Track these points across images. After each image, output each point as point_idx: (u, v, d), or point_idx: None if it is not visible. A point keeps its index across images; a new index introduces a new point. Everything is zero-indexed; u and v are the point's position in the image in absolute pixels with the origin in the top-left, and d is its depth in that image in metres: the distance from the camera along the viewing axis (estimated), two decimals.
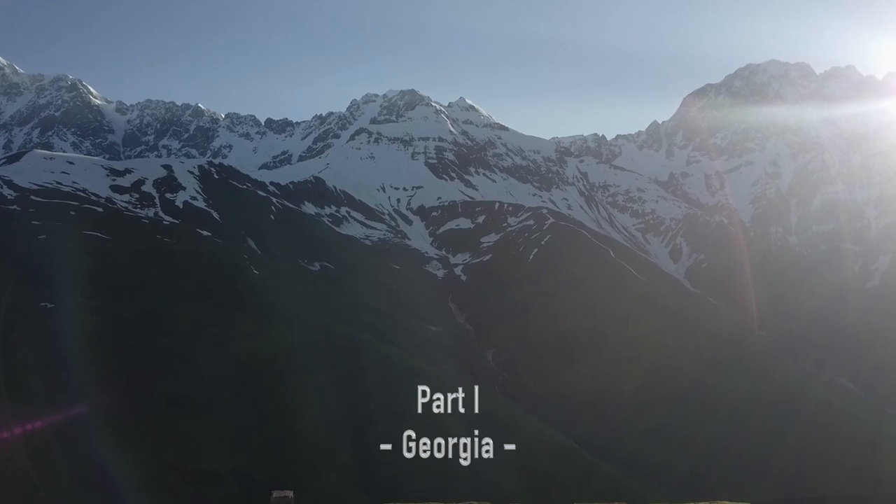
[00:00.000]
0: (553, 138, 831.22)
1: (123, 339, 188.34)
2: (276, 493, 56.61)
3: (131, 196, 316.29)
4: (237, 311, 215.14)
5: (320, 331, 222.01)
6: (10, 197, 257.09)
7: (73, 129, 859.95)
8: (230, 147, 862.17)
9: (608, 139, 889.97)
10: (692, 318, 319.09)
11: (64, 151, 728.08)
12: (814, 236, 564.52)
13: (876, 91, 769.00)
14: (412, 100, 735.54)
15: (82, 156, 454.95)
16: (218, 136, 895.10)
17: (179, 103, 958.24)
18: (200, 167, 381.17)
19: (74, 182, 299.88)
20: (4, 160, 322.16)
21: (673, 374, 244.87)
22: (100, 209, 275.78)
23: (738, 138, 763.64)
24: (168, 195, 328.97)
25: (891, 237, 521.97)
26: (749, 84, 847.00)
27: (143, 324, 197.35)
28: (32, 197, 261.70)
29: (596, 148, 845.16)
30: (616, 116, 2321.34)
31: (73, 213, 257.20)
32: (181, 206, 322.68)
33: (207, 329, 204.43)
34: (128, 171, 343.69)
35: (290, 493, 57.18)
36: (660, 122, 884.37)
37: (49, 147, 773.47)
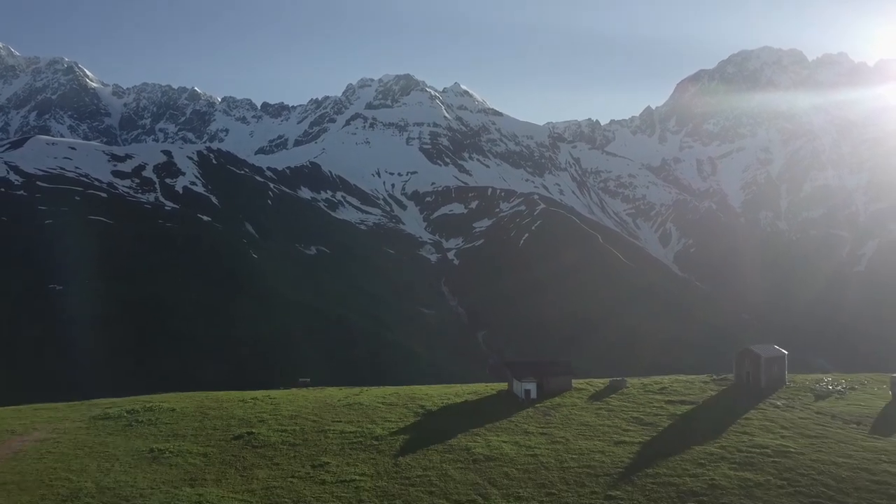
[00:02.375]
0: (548, 123, 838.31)
1: (129, 322, 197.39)
2: (301, 379, 72.71)
3: (132, 181, 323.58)
4: (238, 295, 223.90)
5: (319, 315, 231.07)
6: (16, 182, 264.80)
7: (69, 113, 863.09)
8: (227, 131, 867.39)
9: (602, 124, 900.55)
10: (680, 303, 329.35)
11: (61, 135, 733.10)
12: (803, 222, 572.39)
13: (868, 78, 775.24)
14: (407, 85, 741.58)
15: (84, 141, 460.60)
16: (214, 119, 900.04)
17: (176, 86, 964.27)
18: (199, 153, 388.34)
19: (77, 167, 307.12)
20: (8, 145, 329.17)
21: (663, 360, 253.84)
22: (104, 195, 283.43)
23: (731, 124, 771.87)
24: (168, 180, 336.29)
25: (879, 222, 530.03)
26: (742, 70, 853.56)
27: (148, 306, 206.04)
28: (38, 182, 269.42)
29: (590, 133, 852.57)
30: (610, 102, 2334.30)
31: (77, 198, 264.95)
32: (181, 192, 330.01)
33: (209, 312, 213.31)
34: (128, 156, 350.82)
35: (308, 379, 73.09)
36: (653, 108, 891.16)
37: (46, 130, 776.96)
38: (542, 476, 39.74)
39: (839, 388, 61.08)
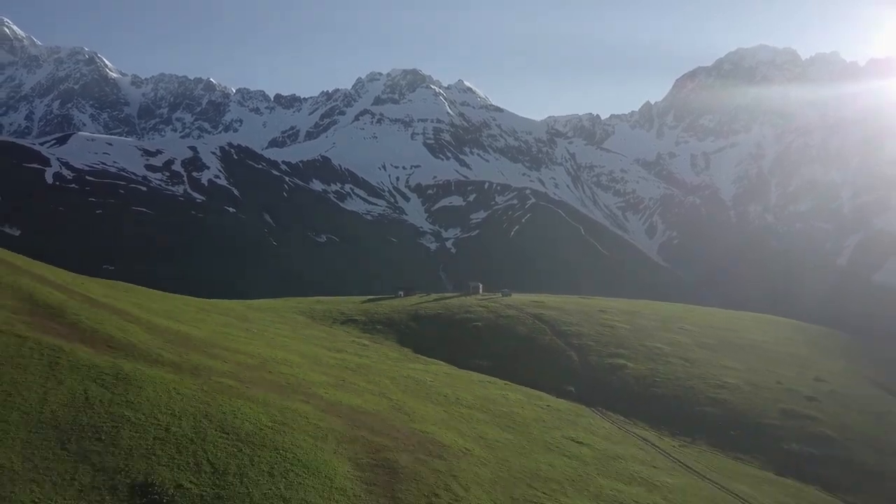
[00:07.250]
0: (549, 117, 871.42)
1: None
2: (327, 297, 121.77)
3: (163, 174, 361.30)
4: (261, 277, 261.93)
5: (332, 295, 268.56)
6: (68, 177, 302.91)
7: (91, 102, 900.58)
8: (241, 121, 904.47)
9: (602, 118, 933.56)
10: (656, 288, 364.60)
11: (83, 123, 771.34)
12: (790, 215, 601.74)
13: (857, 77, 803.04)
14: (414, 80, 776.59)
15: (118, 137, 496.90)
16: (229, 110, 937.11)
17: (192, 77, 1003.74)
18: (221, 148, 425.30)
19: (115, 162, 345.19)
20: (54, 141, 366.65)
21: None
22: (143, 188, 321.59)
23: (726, 119, 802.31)
24: (194, 174, 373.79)
25: (863, 216, 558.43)
26: (738, 68, 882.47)
27: (186, 285, 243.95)
28: (87, 177, 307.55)
29: (590, 127, 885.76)
30: (611, 96, 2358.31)
31: (122, 191, 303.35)
32: (206, 184, 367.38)
33: (236, 291, 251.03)
34: (158, 151, 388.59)
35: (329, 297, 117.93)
36: (652, 104, 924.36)
37: (69, 118, 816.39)
38: (392, 308, 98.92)
39: (496, 295, 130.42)
